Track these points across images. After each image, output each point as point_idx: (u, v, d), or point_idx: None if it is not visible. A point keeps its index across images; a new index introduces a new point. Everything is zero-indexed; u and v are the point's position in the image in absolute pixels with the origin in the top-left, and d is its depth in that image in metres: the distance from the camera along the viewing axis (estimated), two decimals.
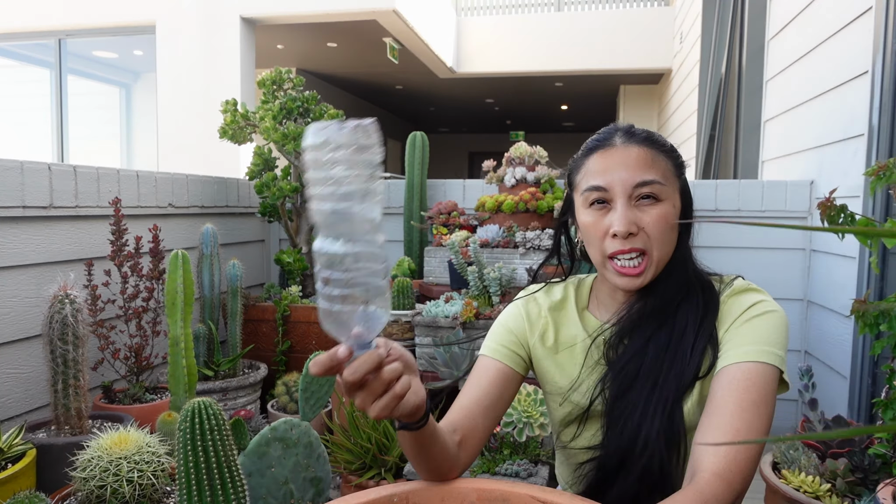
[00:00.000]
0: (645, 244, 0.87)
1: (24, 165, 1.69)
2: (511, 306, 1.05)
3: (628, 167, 0.87)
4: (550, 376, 1.00)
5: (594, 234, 0.90)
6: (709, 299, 0.89)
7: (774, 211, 2.52)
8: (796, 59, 2.56)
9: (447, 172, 4.72)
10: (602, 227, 0.89)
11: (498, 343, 1.00)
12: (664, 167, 0.89)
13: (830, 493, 1.27)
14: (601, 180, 0.88)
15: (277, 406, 2.27)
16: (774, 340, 0.83)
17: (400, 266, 2.71)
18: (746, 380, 0.79)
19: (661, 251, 0.88)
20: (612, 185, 0.88)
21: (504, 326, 1.02)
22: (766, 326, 0.84)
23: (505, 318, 1.04)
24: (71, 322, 1.47)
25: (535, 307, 1.02)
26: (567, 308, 1.01)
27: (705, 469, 0.75)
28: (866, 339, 1.87)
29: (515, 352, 1.00)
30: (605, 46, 7.37)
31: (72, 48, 6.20)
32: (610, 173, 0.88)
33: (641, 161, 0.87)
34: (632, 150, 0.89)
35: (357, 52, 7.49)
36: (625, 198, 0.87)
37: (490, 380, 0.96)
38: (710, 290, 0.91)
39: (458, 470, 0.86)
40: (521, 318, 1.02)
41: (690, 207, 0.95)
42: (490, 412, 0.93)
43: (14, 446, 1.37)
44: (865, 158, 1.87)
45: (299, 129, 2.58)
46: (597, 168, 0.90)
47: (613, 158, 0.89)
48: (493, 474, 1.57)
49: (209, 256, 2.26)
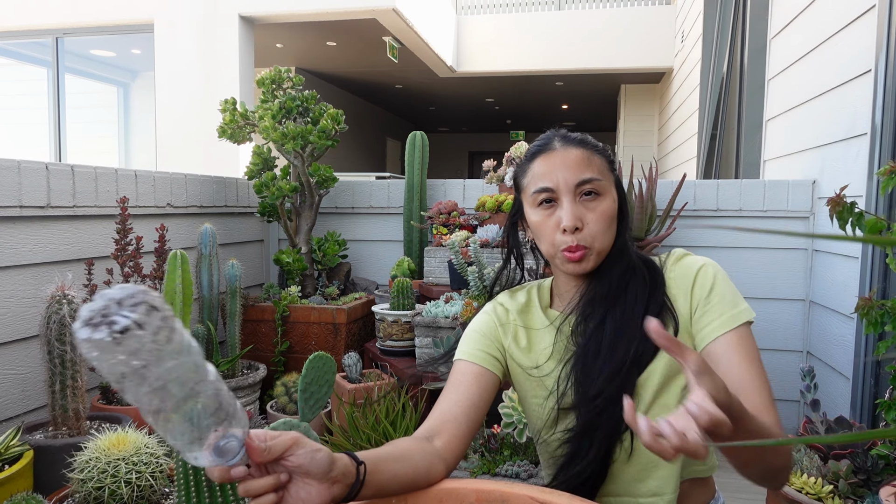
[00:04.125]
0: (587, 241, 0.96)
1: (21, 165, 1.67)
2: (480, 314, 1.09)
3: (569, 167, 0.97)
4: (527, 376, 1.03)
5: (544, 230, 0.99)
6: (654, 274, 0.99)
7: (776, 210, 2.51)
8: (798, 58, 2.55)
9: (447, 172, 4.71)
10: (551, 223, 0.98)
11: (474, 347, 1.03)
12: (600, 165, 0.99)
13: (833, 494, 1.26)
14: (548, 181, 0.97)
15: (276, 407, 2.26)
16: (736, 299, 0.94)
17: (400, 266, 2.70)
18: (739, 343, 0.90)
19: (603, 241, 0.97)
20: (557, 184, 0.97)
21: (478, 332, 1.05)
22: (724, 288, 0.95)
23: (477, 324, 1.07)
24: (69, 322, 1.46)
25: (503, 312, 1.07)
26: (532, 309, 1.07)
27: (760, 408, 0.84)
28: (869, 340, 1.86)
29: (491, 354, 1.03)
30: (606, 45, 7.36)
31: (69, 47, 6.18)
32: (554, 174, 0.97)
33: (580, 161, 0.97)
34: (570, 151, 0.98)
35: (357, 51, 7.47)
36: (570, 195, 0.96)
37: (468, 383, 0.99)
38: (653, 267, 1.00)
39: (441, 476, 0.87)
40: (492, 324, 1.06)
41: (625, 198, 1.05)
42: (471, 412, 0.96)
43: (11, 447, 1.36)
44: (868, 158, 1.87)
45: (299, 128, 2.57)
46: (542, 171, 0.99)
47: (555, 160, 0.98)
48: (493, 475, 1.56)
49: (208, 256, 2.25)
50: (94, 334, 0.53)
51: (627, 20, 7.34)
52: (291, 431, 0.68)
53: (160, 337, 0.56)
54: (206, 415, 0.60)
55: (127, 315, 0.54)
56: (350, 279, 2.98)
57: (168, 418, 0.59)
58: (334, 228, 3.03)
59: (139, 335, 0.54)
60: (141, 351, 0.55)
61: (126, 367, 0.55)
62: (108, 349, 0.54)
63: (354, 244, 3.05)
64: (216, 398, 0.61)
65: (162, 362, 0.56)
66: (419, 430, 0.92)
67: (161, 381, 0.57)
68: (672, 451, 0.59)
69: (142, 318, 0.54)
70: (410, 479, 0.82)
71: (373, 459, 0.78)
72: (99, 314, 0.54)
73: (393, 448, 0.85)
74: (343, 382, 2.18)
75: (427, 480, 0.85)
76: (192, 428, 0.60)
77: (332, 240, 2.85)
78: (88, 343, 0.53)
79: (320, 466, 0.68)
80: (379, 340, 2.45)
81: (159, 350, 0.56)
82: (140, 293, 0.56)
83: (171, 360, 0.57)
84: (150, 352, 0.55)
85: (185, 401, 0.59)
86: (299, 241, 2.76)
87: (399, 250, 2.98)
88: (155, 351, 0.55)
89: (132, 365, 0.55)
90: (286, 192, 2.61)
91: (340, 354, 2.46)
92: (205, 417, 0.60)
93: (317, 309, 2.53)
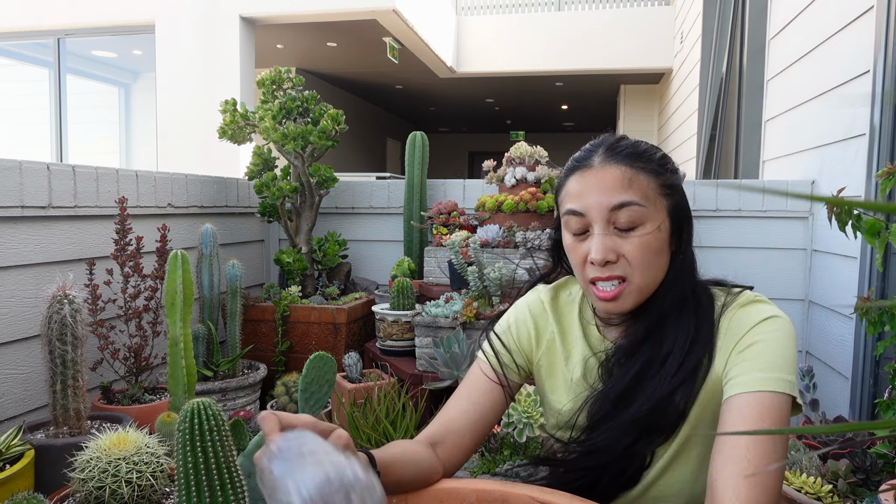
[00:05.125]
0: (625, 271, 0.83)
1: (22, 165, 1.68)
2: (518, 309, 1.01)
3: (604, 190, 0.83)
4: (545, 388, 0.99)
5: (574, 259, 0.88)
6: (702, 321, 0.85)
7: (775, 211, 2.51)
8: (797, 59, 2.56)
9: (447, 172, 4.72)
10: (581, 252, 0.86)
11: (499, 348, 0.97)
12: (645, 186, 0.83)
13: (832, 494, 1.26)
14: (577, 204, 0.85)
15: (277, 406, 2.26)
16: (783, 364, 0.77)
17: (400, 266, 2.70)
18: (758, 412, 0.75)
19: (645, 277, 0.83)
20: (587, 209, 0.84)
21: (509, 332, 0.99)
22: (774, 347, 0.78)
23: (511, 322, 1.00)
24: (70, 322, 1.46)
25: (541, 312, 0.99)
26: (573, 318, 0.98)
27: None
28: (868, 340, 1.86)
29: (515, 361, 0.97)
30: (606, 46, 7.37)
31: (71, 47, 6.19)
32: (585, 197, 0.84)
33: (618, 182, 0.82)
34: (609, 170, 0.83)
35: (357, 52, 7.48)
36: (602, 223, 0.83)
37: (482, 392, 0.94)
38: (705, 311, 0.86)
39: (438, 478, 0.87)
40: (526, 326, 0.98)
41: (686, 223, 0.88)
42: (478, 425, 0.92)
43: (12, 447, 1.37)
44: (867, 158, 1.87)
45: (299, 129, 2.57)
46: (574, 191, 0.86)
47: (589, 181, 0.84)
48: (493, 475, 1.56)
49: (208, 256, 2.25)
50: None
51: (627, 21, 7.34)
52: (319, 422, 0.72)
53: None
54: None
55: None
56: (350, 279, 2.99)
57: None
58: (334, 228, 3.04)
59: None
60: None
61: None
62: None
63: (355, 244, 3.06)
64: None
65: None
66: (422, 434, 0.90)
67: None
68: None
69: None
70: (411, 482, 0.83)
71: (384, 461, 0.77)
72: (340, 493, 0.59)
73: (400, 450, 0.84)
74: (343, 382, 2.19)
75: (426, 485, 0.85)
76: None
77: (332, 240, 2.85)
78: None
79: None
80: (379, 340, 2.45)
81: None
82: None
83: None
84: None
85: None
86: (300, 241, 2.77)
87: (399, 250, 2.99)
88: None
89: None
90: (286, 193, 2.61)
91: (340, 354, 2.46)
92: None
93: (317, 309, 2.53)
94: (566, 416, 0.92)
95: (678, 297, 0.86)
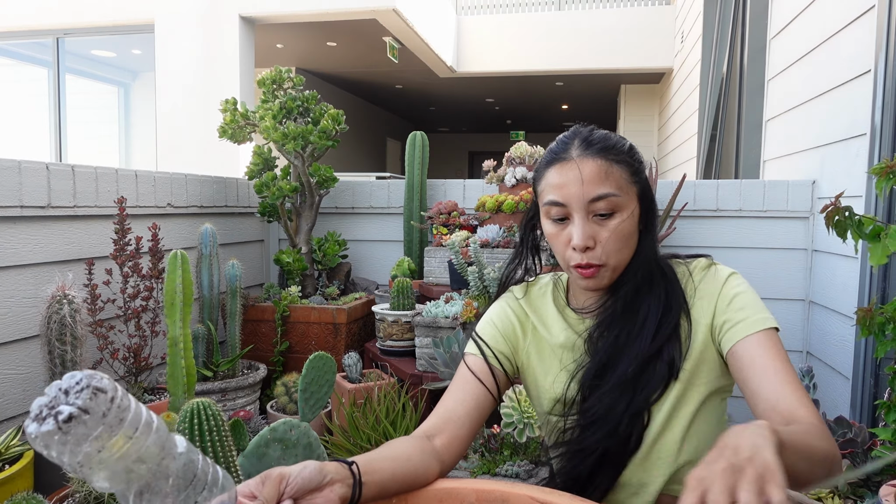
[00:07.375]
0: (600, 258, 0.93)
1: (21, 165, 1.68)
2: (496, 307, 1.08)
3: (583, 182, 0.91)
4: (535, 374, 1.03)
5: (556, 244, 0.97)
6: (670, 288, 0.96)
7: (776, 211, 2.51)
8: (798, 59, 2.55)
9: (447, 172, 4.71)
10: (563, 238, 0.95)
11: (486, 343, 1.02)
12: (619, 177, 0.93)
13: (833, 494, 1.26)
14: (559, 196, 0.93)
15: (277, 407, 2.26)
16: (764, 307, 0.92)
17: (400, 266, 2.70)
18: (770, 343, 0.88)
19: (619, 258, 0.94)
20: (568, 200, 0.92)
21: (493, 326, 1.05)
22: (752, 296, 0.93)
23: (492, 317, 1.06)
24: (69, 322, 1.46)
25: (518, 308, 1.06)
26: (548, 307, 1.06)
27: (800, 413, 0.81)
28: (869, 340, 1.86)
29: (503, 352, 1.02)
30: (606, 46, 7.36)
31: (70, 47, 6.19)
32: (566, 189, 0.92)
33: (595, 175, 0.92)
34: (586, 163, 0.92)
35: (357, 52, 7.48)
36: (582, 213, 0.92)
37: (475, 381, 0.98)
38: (670, 280, 0.97)
39: (436, 475, 0.88)
40: (509, 320, 1.05)
41: (651, 206, 0.99)
42: (474, 413, 0.96)
43: (12, 447, 1.37)
44: (868, 158, 1.87)
45: (299, 128, 2.57)
46: (554, 182, 0.94)
47: (569, 174, 0.93)
48: (494, 475, 1.56)
49: (208, 256, 2.25)
50: (42, 427, 0.51)
51: (627, 20, 7.34)
52: (273, 469, 0.69)
53: (110, 419, 0.53)
54: (182, 489, 0.59)
55: (72, 402, 0.52)
56: (350, 279, 2.98)
57: (144, 499, 0.57)
58: (334, 228, 3.03)
59: (85, 419, 0.52)
60: (89, 436, 0.52)
61: (80, 456, 0.53)
62: (59, 440, 0.52)
63: (354, 244, 3.05)
64: (189, 471, 0.59)
65: None
66: (421, 428, 0.93)
67: (121, 464, 0.55)
68: None
69: (87, 404, 0.52)
70: (411, 477, 0.83)
71: (364, 459, 0.79)
72: (46, 407, 0.52)
73: (386, 448, 0.86)
74: (343, 382, 2.18)
75: (426, 479, 0.85)
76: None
77: (332, 240, 2.85)
78: (38, 438, 0.52)
79: (313, 478, 0.70)
80: (379, 340, 2.45)
81: (110, 433, 0.54)
82: (85, 378, 0.53)
83: (126, 441, 0.55)
84: (100, 437, 0.53)
85: (155, 479, 0.57)
86: (299, 241, 2.77)
87: (399, 250, 2.99)
88: (106, 434, 0.53)
89: (85, 451, 0.53)
90: (286, 193, 2.61)
91: (340, 354, 2.46)
92: (181, 492, 0.59)
93: (317, 309, 2.53)
94: (560, 389, 0.99)
95: (647, 271, 0.97)
